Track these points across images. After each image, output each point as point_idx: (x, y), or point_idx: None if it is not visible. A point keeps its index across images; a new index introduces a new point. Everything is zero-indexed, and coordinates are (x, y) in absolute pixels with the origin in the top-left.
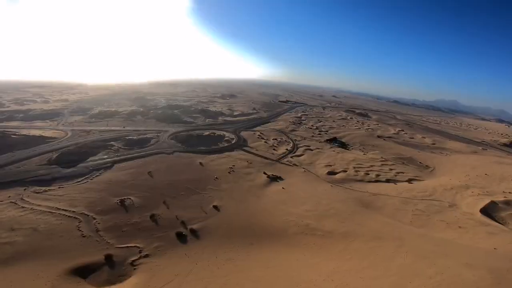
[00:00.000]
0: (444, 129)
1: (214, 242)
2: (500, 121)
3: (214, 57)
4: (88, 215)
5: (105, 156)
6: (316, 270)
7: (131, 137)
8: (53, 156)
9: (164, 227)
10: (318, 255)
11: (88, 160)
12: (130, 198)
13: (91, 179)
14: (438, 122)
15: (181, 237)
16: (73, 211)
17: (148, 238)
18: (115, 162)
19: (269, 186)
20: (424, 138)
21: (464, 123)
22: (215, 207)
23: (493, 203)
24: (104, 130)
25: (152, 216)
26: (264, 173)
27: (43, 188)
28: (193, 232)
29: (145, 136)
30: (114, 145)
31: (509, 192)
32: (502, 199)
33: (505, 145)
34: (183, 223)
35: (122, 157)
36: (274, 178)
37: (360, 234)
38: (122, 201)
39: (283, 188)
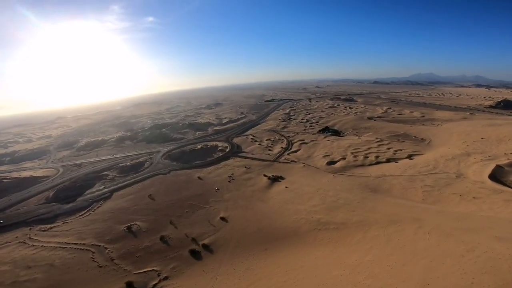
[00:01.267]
0: (428, 101)
1: (229, 253)
2: (478, 85)
3: (196, 67)
4: (99, 246)
5: (102, 187)
6: (339, 265)
7: (124, 163)
8: (50, 194)
9: (176, 247)
10: (336, 249)
11: (86, 193)
12: (136, 224)
13: (93, 211)
14: (420, 95)
15: (195, 254)
16: (83, 244)
17: (163, 260)
18: (113, 191)
19: (271, 187)
20: (412, 112)
21: (445, 93)
22: (223, 218)
23: (499, 167)
24: (95, 161)
25: (162, 238)
26: (264, 175)
27: (48, 226)
28: (206, 247)
29: (138, 160)
30: (109, 174)
31: (511, 153)
32: (507, 161)
33: (491, 107)
34: (194, 240)
35: (119, 185)
36: (275, 179)
37: (375, 221)
38: (129, 228)
39: (286, 187)
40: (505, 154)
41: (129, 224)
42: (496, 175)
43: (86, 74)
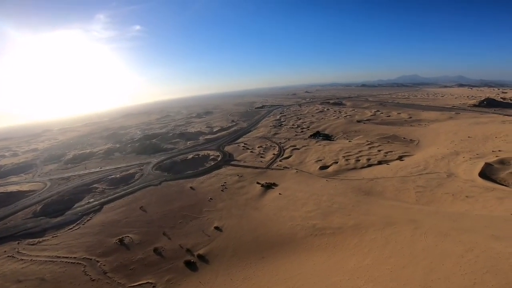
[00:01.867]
0: (414, 102)
1: (225, 263)
2: (461, 85)
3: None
4: (90, 259)
5: (92, 200)
6: (338, 270)
7: (113, 176)
8: (37, 208)
9: (170, 259)
10: (334, 254)
11: (75, 206)
12: (128, 236)
13: (83, 224)
14: (406, 97)
15: (190, 265)
16: (74, 257)
17: (157, 272)
18: (103, 203)
19: (265, 195)
20: (400, 114)
21: (430, 93)
22: (217, 228)
23: (488, 165)
24: (83, 174)
25: (155, 250)
26: (257, 183)
27: (37, 240)
28: (201, 257)
29: (128, 172)
30: (98, 187)
31: (499, 150)
32: (495, 159)
33: (474, 105)
34: (188, 251)
35: (109, 197)
36: (269, 186)
37: (371, 224)
38: (121, 240)
39: (280, 194)
40: (492, 151)
41: (121, 237)
42: (486, 173)
43: (73, 85)
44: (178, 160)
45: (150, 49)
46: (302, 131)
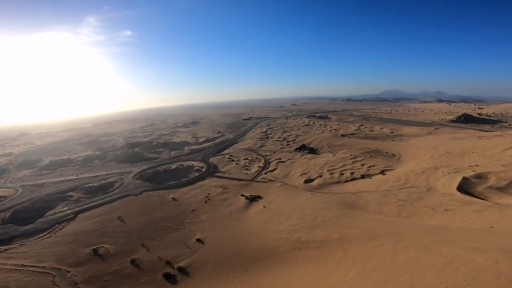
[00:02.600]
0: (396, 117)
1: (207, 276)
2: (440, 101)
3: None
4: (60, 269)
5: (65, 208)
6: (322, 284)
7: (91, 184)
8: (6, 215)
9: (149, 271)
10: (318, 267)
11: (47, 214)
12: (103, 247)
13: (55, 233)
14: (389, 111)
15: (169, 278)
16: (43, 266)
17: (134, 284)
18: (77, 212)
19: (249, 207)
20: (382, 128)
21: (411, 109)
22: (199, 240)
23: (465, 179)
24: (59, 181)
25: (132, 261)
26: (242, 195)
27: (3, 247)
28: (182, 270)
29: (107, 180)
30: (73, 195)
31: (476, 165)
32: (472, 173)
33: (452, 121)
34: (168, 263)
35: (84, 206)
36: (253, 198)
37: (354, 237)
38: (95, 251)
39: (264, 206)
40: (469, 166)
41: (95, 247)
42: (464, 187)
43: (58, 89)
44: (161, 170)
45: (139, 55)
46: (288, 144)
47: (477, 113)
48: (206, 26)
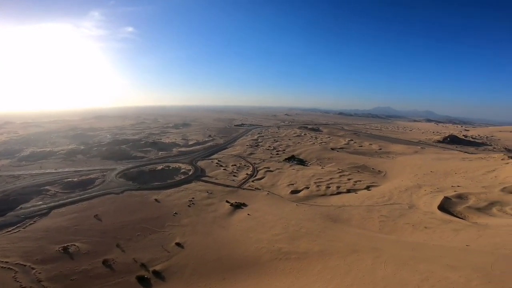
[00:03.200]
0: (386, 134)
1: (183, 282)
2: (429, 120)
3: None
4: (24, 265)
5: (40, 202)
6: None
7: (70, 179)
8: None
9: (121, 272)
10: (297, 279)
11: (18, 208)
12: (75, 245)
13: (24, 228)
14: (379, 128)
15: (143, 281)
16: (6, 262)
17: (103, 285)
18: (52, 208)
19: (233, 214)
20: (371, 145)
21: (400, 127)
22: (178, 244)
23: (447, 198)
24: (37, 173)
25: (105, 262)
26: (227, 201)
27: None
28: (157, 274)
29: (88, 176)
30: (50, 190)
31: (458, 186)
32: (453, 193)
33: (438, 141)
34: (143, 266)
35: (60, 201)
36: (238, 205)
37: (336, 250)
38: (65, 248)
39: (248, 214)
40: (452, 186)
41: (66, 245)
42: (445, 206)
43: (52, 80)
44: (146, 170)
45: (139, 53)
46: (277, 154)
47: (463, 135)
48: (206, 28)
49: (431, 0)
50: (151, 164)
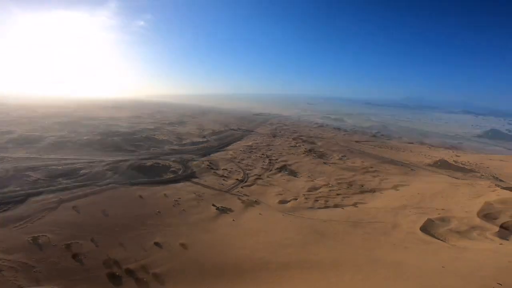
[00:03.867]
0: (379, 154)
1: (156, 283)
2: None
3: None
4: None
5: (18, 188)
6: None
7: (54, 167)
8: None
9: (91, 268)
10: None
11: None
12: (46, 235)
13: None
14: (372, 147)
15: (114, 279)
16: None
17: (70, 279)
18: (29, 195)
19: (218, 218)
20: (364, 162)
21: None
22: (157, 244)
23: (430, 220)
24: (21, 157)
25: (75, 256)
26: (213, 205)
27: None
28: (130, 272)
29: (74, 166)
30: (32, 176)
31: (442, 209)
32: (437, 216)
33: (428, 165)
34: (116, 263)
35: (40, 189)
36: (224, 210)
37: (316, 264)
38: (35, 238)
39: (233, 220)
40: (436, 209)
41: (36, 235)
42: (427, 228)
43: (58, 67)
44: (134, 165)
45: (147, 46)
46: (270, 162)
47: (453, 160)
48: (219, 23)
49: None
50: (141, 159)
